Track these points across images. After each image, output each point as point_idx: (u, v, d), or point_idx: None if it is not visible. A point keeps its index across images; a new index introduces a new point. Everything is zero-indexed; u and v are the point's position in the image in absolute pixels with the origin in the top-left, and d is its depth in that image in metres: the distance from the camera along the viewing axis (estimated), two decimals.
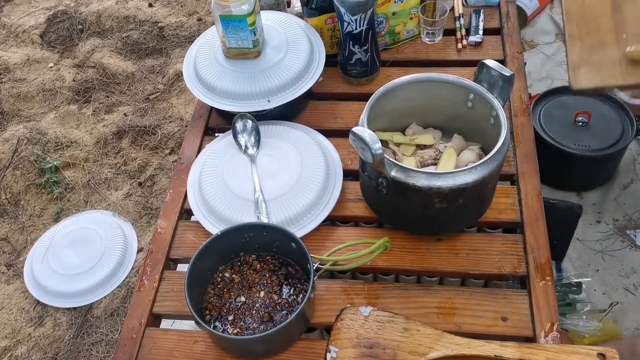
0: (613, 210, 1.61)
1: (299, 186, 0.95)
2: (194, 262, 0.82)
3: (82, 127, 2.21)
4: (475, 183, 0.78)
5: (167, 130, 2.14)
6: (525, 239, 0.90)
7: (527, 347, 0.73)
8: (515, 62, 1.17)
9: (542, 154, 1.04)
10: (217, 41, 1.10)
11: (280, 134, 1.04)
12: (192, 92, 1.08)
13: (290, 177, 0.96)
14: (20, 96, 2.33)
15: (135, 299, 0.90)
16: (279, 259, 0.89)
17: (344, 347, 0.76)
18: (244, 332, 0.81)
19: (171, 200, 1.02)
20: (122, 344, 0.85)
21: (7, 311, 1.71)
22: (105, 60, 2.42)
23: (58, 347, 1.62)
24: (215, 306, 0.84)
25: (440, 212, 0.82)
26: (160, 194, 1.96)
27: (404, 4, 1.17)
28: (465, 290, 0.86)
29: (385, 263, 0.90)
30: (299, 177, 0.96)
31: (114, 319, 1.66)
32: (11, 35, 2.63)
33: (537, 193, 0.95)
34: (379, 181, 0.81)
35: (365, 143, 0.75)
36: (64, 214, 1.94)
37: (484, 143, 0.93)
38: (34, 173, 2.04)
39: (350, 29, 1.06)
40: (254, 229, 0.86)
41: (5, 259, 1.84)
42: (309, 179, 0.96)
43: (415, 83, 0.91)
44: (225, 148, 1.03)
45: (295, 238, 0.83)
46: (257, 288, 0.86)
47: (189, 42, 2.46)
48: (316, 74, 1.08)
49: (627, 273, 1.49)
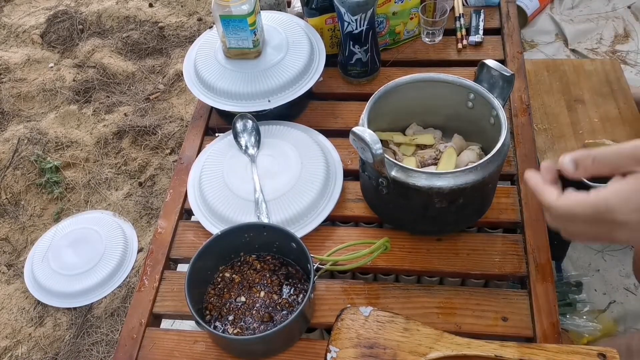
0: None
1: (299, 186, 0.95)
2: (194, 262, 0.82)
3: (83, 127, 2.21)
4: (476, 183, 0.78)
5: (167, 130, 2.14)
6: (525, 239, 0.90)
7: (527, 347, 0.73)
8: (516, 62, 1.17)
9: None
10: (217, 41, 1.10)
11: (280, 134, 1.04)
12: (192, 92, 1.08)
13: (291, 177, 0.96)
14: (21, 96, 2.34)
15: (135, 299, 0.90)
16: (279, 259, 0.89)
17: (344, 347, 0.76)
18: (244, 332, 0.81)
19: (171, 200, 1.02)
20: (123, 344, 0.85)
21: (8, 311, 1.71)
22: (106, 60, 2.42)
23: (58, 347, 1.62)
24: (216, 306, 0.84)
25: (441, 212, 0.82)
26: (160, 194, 1.96)
27: (404, 4, 1.17)
28: (466, 290, 0.86)
29: (386, 263, 0.90)
30: (299, 177, 0.96)
31: (114, 319, 1.66)
32: (11, 35, 2.63)
33: None
34: (379, 181, 0.81)
35: (366, 143, 0.75)
36: (64, 214, 1.94)
37: (484, 143, 0.93)
38: (34, 173, 2.04)
39: (351, 29, 1.06)
40: (254, 229, 0.86)
41: (5, 259, 1.84)
42: (309, 179, 0.96)
43: (416, 83, 0.91)
44: (226, 148, 1.03)
45: (295, 238, 0.83)
46: (257, 288, 0.86)
47: (189, 42, 2.46)
48: (316, 74, 1.08)
49: (628, 273, 1.49)
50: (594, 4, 2.30)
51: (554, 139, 1.40)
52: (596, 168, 0.55)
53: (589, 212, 0.54)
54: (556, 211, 0.57)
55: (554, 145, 1.38)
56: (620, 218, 0.53)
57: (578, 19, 2.25)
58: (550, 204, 0.57)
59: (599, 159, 0.55)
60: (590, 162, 0.55)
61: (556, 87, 1.52)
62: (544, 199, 0.58)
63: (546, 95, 1.51)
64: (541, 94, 1.51)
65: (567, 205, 0.56)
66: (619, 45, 2.18)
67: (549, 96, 1.50)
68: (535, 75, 1.55)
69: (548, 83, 1.53)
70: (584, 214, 0.55)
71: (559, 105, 1.47)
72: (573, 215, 0.56)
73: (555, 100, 1.49)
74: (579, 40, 2.19)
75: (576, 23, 2.24)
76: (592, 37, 2.21)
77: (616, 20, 2.25)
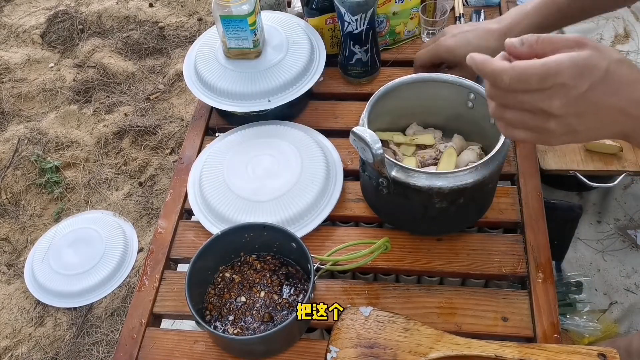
0: (614, 210, 1.61)
1: (299, 186, 0.95)
2: (194, 262, 0.82)
3: (83, 127, 2.21)
4: (476, 183, 0.78)
5: (167, 130, 2.14)
6: (525, 239, 0.90)
7: (527, 347, 0.73)
8: None
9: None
10: (217, 41, 1.10)
11: (280, 134, 1.04)
12: (193, 92, 1.08)
13: (291, 177, 0.96)
14: (21, 96, 2.34)
15: (135, 299, 0.90)
16: (279, 259, 0.89)
17: (344, 347, 0.76)
18: (244, 332, 0.81)
19: (171, 200, 1.02)
20: (123, 344, 0.85)
21: (8, 311, 1.71)
22: (106, 60, 2.42)
23: (58, 347, 1.62)
24: (216, 306, 0.84)
25: (441, 212, 0.82)
26: (160, 194, 1.96)
27: (404, 4, 1.17)
28: (466, 290, 0.86)
29: (386, 263, 0.90)
30: (299, 177, 0.96)
31: (115, 319, 1.66)
32: (12, 35, 2.63)
33: (537, 193, 0.95)
34: (380, 181, 0.81)
35: (366, 143, 0.75)
36: (65, 214, 1.94)
37: (485, 143, 0.93)
38: (34, 173, 2.04)
39: (351, 29, 1.06)
40: (254, 229, 0.86)
41: (5, 259, 1.85)
42: (309, 178, 0.96)
43: (416, 83, 0.91)
44: (226, 148, 1.03)
45: (295, 238, 0.83)
46: (257, 288, 0.86)
47: (189, 42, 2.46)
48: (316, 74, 1.08)
49: (628, 273, 1.49)
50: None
51: None
52: (540, 47, 0.58)
53: (539, 72, 0.55)
54: (507, 75, 0.57)
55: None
56: (568, 83, 0.55)
57: None
58: (503, 68, 0.57)
59: (544, 39, 0.59)
60: (534, 39, 0.59)
61: None
62: (495, 66, 0.58)
63: None
64: None
65: (520, 67, 0.56)
66: (619, 45, 2.18)
67: None
68: None
69: None
70: (535, 75, 0.56)
71: None
72: (524, 80, 0.56)
73: None
74: None
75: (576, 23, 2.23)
76: (592, 37, 2.21)
77: (616, 20, 2.25)
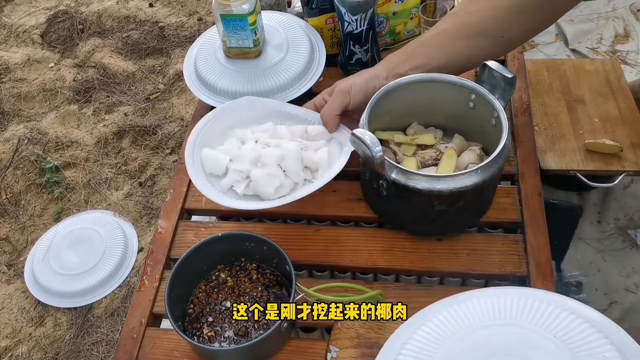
0: (614, 210, 1.61)
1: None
2: (185, 257, 0.82)
3: (83, 127, 2.21)
4: (476, 186, 0.78)
5: (167, 130, 2.14)
6: (525, 238, 0.90)
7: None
8: (516, 62, 1.17)
9: None
10: (217, 41, 1.10)
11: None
12: (193, 91, 1.08)
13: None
14: (21, 96, 2.34)
15: (135, 299, 0.90)
16: (277, 277, 0.86)
17: (345, 347, 0.76)
18: (217, 337, 0.80)
19: (172, 200, 1.02)
20: (123, 344, 0.85)
21: (8, 311, 1.71)
22: (106, 60, 2.42)
23: (58, 347, 1.62)
24: (201, 302, 0.84)
25: (441, 213, 0.82)
26: (160, 193, 1.96)
27: (404, 4, 1.17)
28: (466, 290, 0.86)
29: (386, 263, 0.90)
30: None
31: (115, 319, 1.67)
32: (12, 35, 2.63)
33: (537, 193, 0.95)
34: (380, 183, 0.81)
35: (366, 145, 0.75)
36: (65, 214, 1.94)
37: (485, 144, 0.93)
38: (34, 173, 2.04)
39: (351, 29, 1.06)
40: (255, 240, 0.84)
41: (5, 259, 1.85)
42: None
43: (416, 83, 0.91)
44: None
45: (289, 263, 0.80)
46: (245, 298, 0.84)
47: (189, 42, 2.46)
48: (317, 74, 1.08)
49: (628, 273, 1.49)
50: (594, 4, 2.30)
51: (554, 139, 1.40)
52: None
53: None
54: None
55: (554, 145, 1.38)
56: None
57: (578, 19, 2.25)
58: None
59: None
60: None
61: (556, 87, 1.52)
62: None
63: (546, 95, 1.51)
64: (541, 94, 1.51)
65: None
66: (619, 45, 2.18)
67: (549, 96, 1.50)
68: (536, 75, 1.55)
69: (548, 83, 1.53)
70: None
71: (559, 105, 1.47)
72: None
73: (556, 100, 1.49)
74: (579, 40, 2.19)
75: (576, 23, 2.24)
76: (592, 37, 2.21)
77: (616, 20, 2.25)
